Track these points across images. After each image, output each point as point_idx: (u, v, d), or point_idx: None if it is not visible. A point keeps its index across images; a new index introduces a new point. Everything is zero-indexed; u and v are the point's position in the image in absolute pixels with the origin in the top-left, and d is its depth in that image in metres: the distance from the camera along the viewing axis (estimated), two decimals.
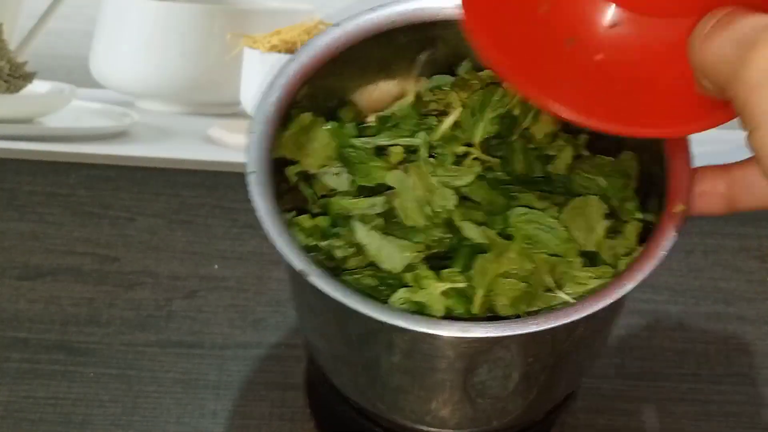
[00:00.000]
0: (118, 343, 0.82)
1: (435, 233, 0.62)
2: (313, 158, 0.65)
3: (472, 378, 0.61)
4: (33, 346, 0.82)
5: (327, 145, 0.66)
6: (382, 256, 0.61)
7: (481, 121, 0.65)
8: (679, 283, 0.87)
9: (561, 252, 0.61)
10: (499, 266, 0.60)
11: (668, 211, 0.59)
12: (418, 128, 0.66)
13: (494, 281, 0.60)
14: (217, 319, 0.84)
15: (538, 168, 0.66)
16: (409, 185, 0.63)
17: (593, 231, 0.62)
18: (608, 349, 0.83)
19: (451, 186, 0.63)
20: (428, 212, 0.62)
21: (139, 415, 0.79)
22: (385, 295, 0.61)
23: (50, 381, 0.80)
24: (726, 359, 0.83)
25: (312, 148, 0.65)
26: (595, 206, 0.62)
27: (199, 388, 0.80)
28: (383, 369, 0.63)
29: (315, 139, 0.65)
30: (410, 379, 0.63)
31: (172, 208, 0.90)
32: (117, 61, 1.01)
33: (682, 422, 0.80)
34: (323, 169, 0.66)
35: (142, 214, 0.90)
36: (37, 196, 0.91)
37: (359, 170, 0.65)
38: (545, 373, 0.63)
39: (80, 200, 0.91)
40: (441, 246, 0.62)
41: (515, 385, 0.62)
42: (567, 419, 0.79)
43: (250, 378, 0.80)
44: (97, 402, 0.79)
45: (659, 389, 0.81)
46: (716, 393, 0.81)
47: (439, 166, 0.63)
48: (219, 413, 0.79)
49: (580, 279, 0.61)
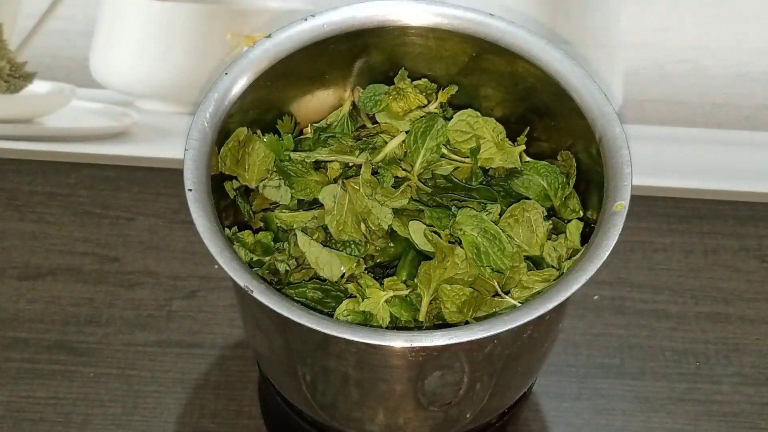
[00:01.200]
0: (118, 343, 0.82)
1: (378, 243, 0.63)
2: (252, 173, 0.65)
3: (423, 386, 0.61)
4: (33, 346, 0.82)
5: (265, 158, 0.66)
6: (321, 264, 0.61)
7: (422, 149, 0.65)
8: (679, 283, 0.87)
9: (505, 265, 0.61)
10: (444, 272, 0.60)
11: (609, 210, 0.59)
12: (357, 146, 0.66)
13: (440, 288, 0.60)
14: (217, 319, 0.84)
15: (479, 175, 0.66)
16: (344, 201, 0.63)
17: (534, 234, 0.62)
18: (608, 349, 0.83)
19: (388, 206, 0.63)
20: (363, 230, 0.63)
21: (139, 415, 0.79)
22: (331, 307, 0.61)
23: (50, 381, 0.80)
24: (726, 359, 0.83)
25: (250, 163, 0.65)
26: (534, 209, 0.63)
27: (198, 388, 0.80)
28: (332, 381, 0.63)
29: (252, 153, 0.65)
30: (361, 391, 0.63)
31: (172, 208, 0.90)
32: (117, 61, 1.01)
33: (682, 422, 0.79)
34: (263, 183, 0.66)
35: (142, 214, 0.90)
36: (37, 196, 0.91)
37: (297, 184, 0.65)
38: (496, 376, 0.63)
39: (80, 200, 0.91)
40: (385, 255, 0.63)
41: (467, 391, 0.62)
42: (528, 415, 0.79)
43: (250, 378, 0.80)
44: (97, 402, 0.79)
45: (659, 389, 0.81)
46: (716, 393, 0.81)
47: (378, 187, 0.63)
48: (219, 413, 0.79)
49: (526, 283, 0.61)
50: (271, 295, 0.56)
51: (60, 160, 0.93)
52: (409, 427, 0.65)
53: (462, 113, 0.67)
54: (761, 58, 1.02)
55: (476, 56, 0.67)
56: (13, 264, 0.86)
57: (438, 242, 0.61)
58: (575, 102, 0.64)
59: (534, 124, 0.68)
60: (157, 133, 0.96)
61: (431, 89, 0.69)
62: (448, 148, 0.67)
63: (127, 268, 0.86)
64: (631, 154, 0.61)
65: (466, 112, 0.67)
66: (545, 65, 0.65)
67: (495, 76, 0.68)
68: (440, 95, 0.69)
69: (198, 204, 0.59)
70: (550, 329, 0.64)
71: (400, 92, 0.67)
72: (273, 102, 0.68)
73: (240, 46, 0.99)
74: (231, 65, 0.64)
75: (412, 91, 0.67)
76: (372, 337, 0.55)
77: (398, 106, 0.67)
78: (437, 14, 0.67)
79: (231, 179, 0.66)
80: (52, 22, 1.03)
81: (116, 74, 1.00)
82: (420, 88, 0.69)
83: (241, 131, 0.65)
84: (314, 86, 0.69)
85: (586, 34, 1.03)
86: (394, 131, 0.67)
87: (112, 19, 1.03)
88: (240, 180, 0.66)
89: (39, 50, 1.01)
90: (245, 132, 0.65)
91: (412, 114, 0.68)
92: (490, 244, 0.61)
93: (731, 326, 0.84)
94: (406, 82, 0.68)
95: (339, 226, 0.63)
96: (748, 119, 0.98)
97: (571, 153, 0.66)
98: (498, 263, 0.61)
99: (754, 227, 0.90)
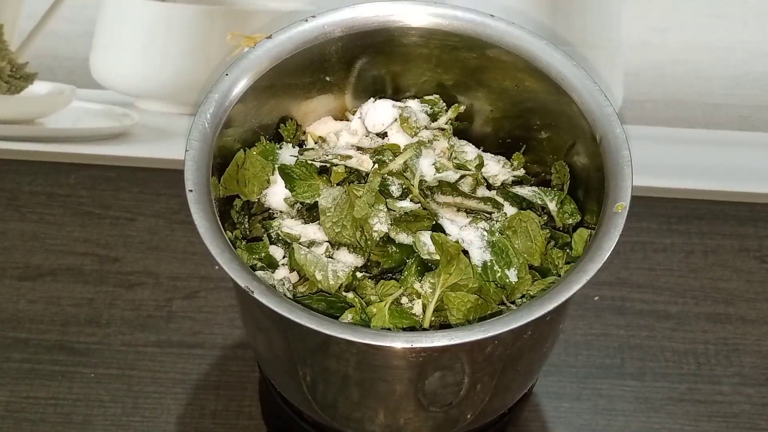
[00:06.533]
0: (118, 344, 0.82)
1: (375, 251, 0.63)
2: (252, 185, 0.66)
3: (423, 387, 0.61)
4: (33, 346, 0.82)
5: (262, 169, 0.66)
6: (319, 275, 0.61)
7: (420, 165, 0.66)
8: (679, 283, 0.87)
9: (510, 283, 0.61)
10: (450, 277, 0.60)
11: (609, 210, 0.59)
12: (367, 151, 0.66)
13: (445, 295, 0.60)
14: (217, 319, 0.84)
15: (482, 189, 0.67)
16: (345, 205, 0.63)
17: (533, 243, 0.63)
18: (608, 349, 0.83)
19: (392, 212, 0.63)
20: (358, 237, 0.63)
21: (139, 416, 0.79)
22: (335, 318, 0.61)
23: (50, 381, 0.80)
24: (726, 359, 0.83)
25: (248, 177, 0.66)
26: (531, 219, 0.63)
27: (199, 388, 0.80)
28: (333, 382, 0.63)
29: (250, 167, 0.66)
30: (361, 391, 0.63)
31: (172, 208, 0.90)
32: (117, 61, 1.01)
33: (682, 422, 0.80)
34: (263, 192, 0.66)
35: (142, 214, 0.90)
36: (37, 197, 0.91)
37: (299, 186, 0.65)
38: (496, 377, 0.63)
39: (80, 200, 0.91)
40: (391, 261, 0.63)
41: (467, 392, 0.62)
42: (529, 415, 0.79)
43: (250, 378, 0.80)
44: (97, 402, 0.79)
45: (659, 389, 0.81)
46: (716, 393, 0.81)
47: (381, 197, 0.63)
48: (219, 413, 0.79)
49: (531, 292, 0.62)
50: (272, 295, 0.56)
51: (60, 160, 0.93)
52: (409, 427, 0.65)
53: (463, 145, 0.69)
54: (761, 59, 1.02)
55: (476, 58, 0.67)
56: (13, 264, 0.86)
57: (445, 244, 0.60)
58: (575, 103, 0.64)
59: (533, 128, 0.68)
60: (158, 133, 0.96)
61: (440, 106, 0.69)
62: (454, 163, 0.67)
63: (128, 269, 0.86)
64: (631, 155, 0.61)
65: (468, 144, 0.69)
66: (545, 66, 0.65)
67: (495, 78, 0.68)
68: (450, 111, 0.69)
69: (198, 204, 0.59)
70: (550, 330, 0.64)
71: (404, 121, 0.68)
72: (274, 103, 0.68)
73: (240, 47, 0.99)
74: (231, 66, 0.64)
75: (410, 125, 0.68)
76: (373, 338, 0.55)
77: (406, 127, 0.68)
78: (438, 15, 0.67)
79: (232, 202, 0.66)
80: (53, 23, 1.03)
81: (116, 75, 1.00)
82: (430, 103, 0.69)
83: (239, 156, 0.65)
84: (315, 87, 0.69)
85: (586, 35, 1.03)
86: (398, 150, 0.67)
87: (112, 20, 1.03)
88: (241, 197, 0.66)
89: (40, 51, 1.01)
90: (243, 156, 0.66)
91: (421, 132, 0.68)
92: (496, 258, 0.61)
93: (731, 326, 0.84)
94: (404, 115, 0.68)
95: (336, 227, 0.63)
96: (748, 119, 0.98)
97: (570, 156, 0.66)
98: (504, 280, 0.61)
99: (754, 227, 0.90)
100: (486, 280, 0.60)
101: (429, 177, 0.65)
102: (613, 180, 0.60)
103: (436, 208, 0.65)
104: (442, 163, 0.66)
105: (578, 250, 0.63)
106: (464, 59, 0.68)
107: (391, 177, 0.64)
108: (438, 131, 0.69)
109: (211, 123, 0.62)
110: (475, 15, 0.66)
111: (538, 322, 0.56)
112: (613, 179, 0.60)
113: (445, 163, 0.66)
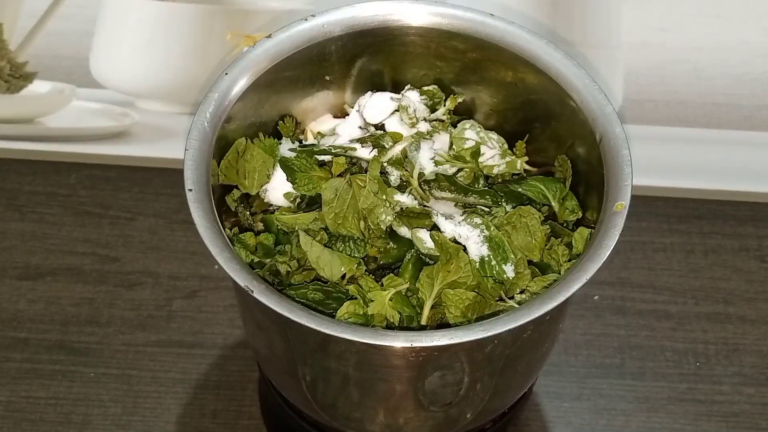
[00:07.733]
0: (118, 343, 0.82)
1: (377, 243, 0.63)
2: (252, 179, 0.65)
3: (423, 386, 0.61)
4: (33, 346, 0.82)
5: (264, 163, 0.66)
6: (322, 264, 0.61)
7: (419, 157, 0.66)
8: (679, 283, 0.87)
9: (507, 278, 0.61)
10: (448, 275, 0.60)
11: (609, 210, 0.59)
12: (366, 139, 0.66)
13: (443, 292, 0.60)
14: (217, 319, 0.84)
15: (481, 180, 0.67)
16: (347, 196, 0.63)
17: (533, 238, 0.63)
18: (608, 349, 0.83)
19: (391, 207, 0.63)
20: (362, 227, 0.63)
21: (139, 415, 0.79)
22: (332, 308, 0.61)
23: (50, 381, 0.80)
24: (726, 359, 0.83)
25: (249, 170, 0.65)
26: (530, 215, 0.63)
27: (199, 388, 0.80)
28: (332, 381, 0.63)
29: (251, 159, 0.66)
30: (361, 391, 0.63)
31: (172, 208, 0.90)
32: (117, 61, 1.01)
33: (682, 422, 0.80)
34: (264, 188, 0.66)
35: (142, 214, 0.90)
36: (37, 196, 0.91)
37: (300, 178, 0.65)
38: (496, 377, 0.63)
39: (80, 200, 0.91)
40: (387, 257, 0.63)
41: (467, 391, 0.62)
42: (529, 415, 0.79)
43: (250, 378, 0.80)
44: (97, 402, 0.79)
45: (659, 389, 0.81)
46: (716, 393, 0.81)
47: (385, 186, 0.63)
48: (219, 413, 0.79)
49: (532, 289, 0.62)
50: (272, 295, 0.56)
51: (60, 160, 0.93)
52: (409, 427, 0.65)
53: (464, 123, 0.68)
54: (761, 58, 1.02)
55: (476, 57, 0.67)
56: (13, 264, 0.86)
57: (444, 242, 0.60)
58: (575, 102, 0.64)
59: (533, 125, 0.68)
60: (157, 133, 0.96)
61: (439, 97, 0.69)
62: (451, 154, 0.67)
63: (128, 268, 0.86)
64: (631, 154, 0.61)
65: (469, 122, 0.68)
66: (545, 66, 0.65)
67: (495, 77, 0.68)
68: (448, 102, 0.69)
69: (198, 204, 0.59)
70: (550, 329, 0.64)
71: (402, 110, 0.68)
72: (273, 102, 0.68)
73: (240, 46, 0.99)
74: (231, 65, 0.64)
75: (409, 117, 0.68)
76: (373, 337, 0.55)
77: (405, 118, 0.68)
78: (438, 14, 0.67)
79: (230, 190, 0.66)
80: (53, 22, 1.03)
81: (116, 74, 1.00)
82: (428, 95, 0.69)
83: (240, 142, 0.65)
84: (314, 86, 0.69)
85: (586, 35, 1.03)
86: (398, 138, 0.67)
87: (112, 19, 1.03)
88: (240, 188, 0.66)
89: (39, 50, 1.01)
90: (244, 143, 0.65)
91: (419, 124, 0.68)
92: (493, 253, 0.61)
93: (731, 326, 0.84)
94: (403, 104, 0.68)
95: (338, 219, 0.63)
96: (748, 119, 0.98)
97: (570, 154, 0.66)
98: (501, 275, 0.61)
99: (754, 227, 0.90)
100: (484, 275, 0.60)
101: (428, 171, 0.65)
102: (613, 179, 0.60)
103: (434, 203, 0.64)
104: (441, 156, 0.66)
105: (579, 249, 0.63)
106: (464, 58, 0.68)
107: (390, 167, 0.64)
108: (437, 122, 0.69)
109: (211, 122, 0.62)
110: (474, 14, 0.66)
111: (538, 322, 0.56)
112: (613, 179, 0.60)
113: (444, 156, 0.66)
